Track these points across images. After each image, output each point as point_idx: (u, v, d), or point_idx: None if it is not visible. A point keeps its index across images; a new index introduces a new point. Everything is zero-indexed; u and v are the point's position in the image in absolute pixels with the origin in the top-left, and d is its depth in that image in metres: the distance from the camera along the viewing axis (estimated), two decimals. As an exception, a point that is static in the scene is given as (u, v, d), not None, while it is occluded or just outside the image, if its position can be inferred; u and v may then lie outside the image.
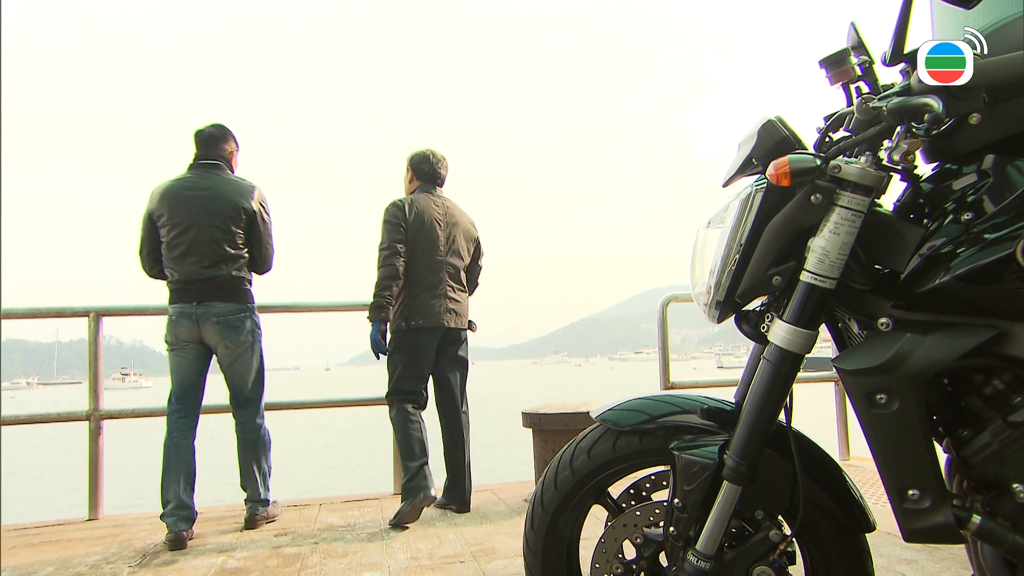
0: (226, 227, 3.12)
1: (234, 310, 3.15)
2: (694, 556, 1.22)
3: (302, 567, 2.58)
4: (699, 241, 1.32)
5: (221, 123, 3.37)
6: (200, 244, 3.08)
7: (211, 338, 3.14)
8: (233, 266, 3.15)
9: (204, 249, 3.09)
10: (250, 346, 3.22)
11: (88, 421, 3.57)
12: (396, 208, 3.37)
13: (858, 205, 1.10)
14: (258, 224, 3.23)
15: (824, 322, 1.20)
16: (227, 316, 3.13)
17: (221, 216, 3.12)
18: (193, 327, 3.10)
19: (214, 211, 3.11)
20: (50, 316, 3.81)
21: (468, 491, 3.44)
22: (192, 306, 3.10)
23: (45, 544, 3.07)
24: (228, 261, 3.13)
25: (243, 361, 3.21)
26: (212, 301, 3.11)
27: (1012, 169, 1.08)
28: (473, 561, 2.58)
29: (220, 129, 3.34)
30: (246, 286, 3.24)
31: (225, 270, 3.12)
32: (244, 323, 3.18)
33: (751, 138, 1.22)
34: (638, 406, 1.37)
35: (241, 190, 3.21)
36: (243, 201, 3.18)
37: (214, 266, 3.10)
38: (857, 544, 1.27)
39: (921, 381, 1.06)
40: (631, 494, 1.44)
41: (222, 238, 3.11)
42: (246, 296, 3.23)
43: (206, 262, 3.09)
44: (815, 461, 1.29)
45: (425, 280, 3.36)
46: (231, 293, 3.16)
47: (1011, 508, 1.06)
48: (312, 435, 21.88)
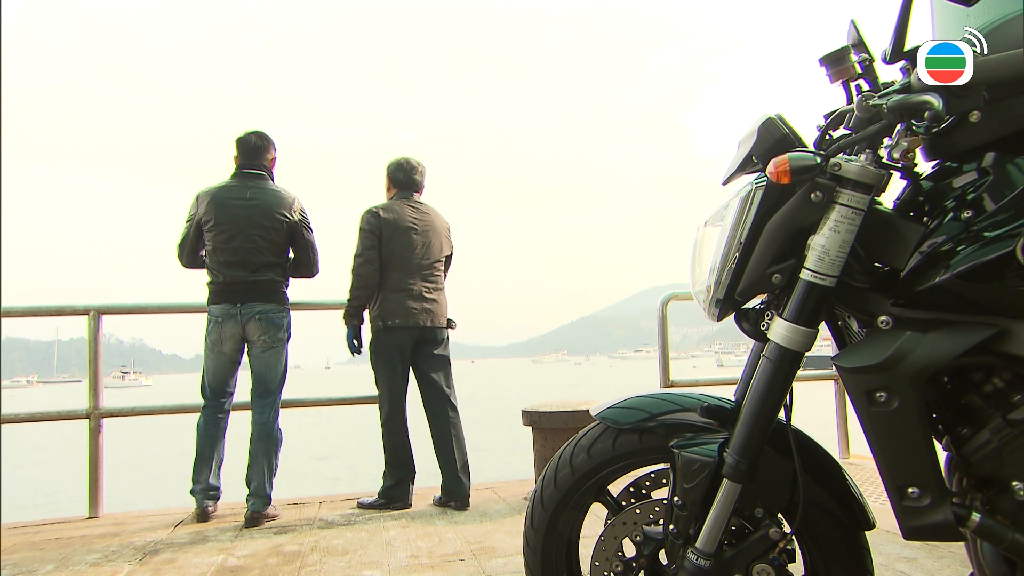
0: (270, 236, 3.38)
1: (276, 309, 3.42)
2: (694, 554, 1.22)
3: (302, 565, 2.58)
4: (699, 239, 1.32)
5: (262, 131, 3.57)
6: (245, 251, 3.34)
7: (251, 332, 3.37)
8: (274, 272, 3.42)
9: (249, 256, 3.34)
10: (283, 343, 3.46)
11: (88, 419, 3.57)
12: (370, 216, 3.55)
13: (858, 203, 1.10)
14: (302, 233, 3.49)
15: (824, 320, 1.20)
16: (269, 314, 3.38)
17: (265, 227, 3.36)
18: (237, 326, 3.35)
19: (259, 221, 3.36)
20: (50, 314, 3.81)
21: (467, 488, 3.48)
22: (236, 307, 3.34)
23: (45, 542, 3.08)
24: (270, 267, 3.40)
25: (274, 353, 3.43)
26: (254, 302, 3.36)
27: (1012, 167, 1.08)
28: (473, 559, 2.58)
29: (262, 138, 3.54)
30: (283, 289, 3.50)
31: (268, 275, 3.39)
32: (282, 321, 3.45)
33: (751, 136, 1.21)
34: (638, 404, 1.37)
35: (283, 201, 3.45)
36: (285, 212, 3.43)
37: (258, 271, 3.36)
38: (857, 542, 1.27)
39: (921, 379, 1.06)
40: (631, 492, 1.44)
41: (266, 247, 3.37)
42: (283, 298, 3.49)
43: (251, 267, 3.35)
44: (815, 459, 1.29)
45: (401, 282, 3.53)
46: (272, 295, 3.41)
47: (1011, 506, 1.06)
48: (312, 433, 21.90)
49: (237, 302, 3.33)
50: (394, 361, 3.54)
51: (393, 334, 3.52)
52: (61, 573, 2.61)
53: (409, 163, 3.72)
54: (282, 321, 3.43)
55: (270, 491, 3.34)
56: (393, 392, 3.54)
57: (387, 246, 3.52)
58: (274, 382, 3.44)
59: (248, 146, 3.49)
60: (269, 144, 3.54)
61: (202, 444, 3.37)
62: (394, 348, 3.53)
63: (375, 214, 3.54)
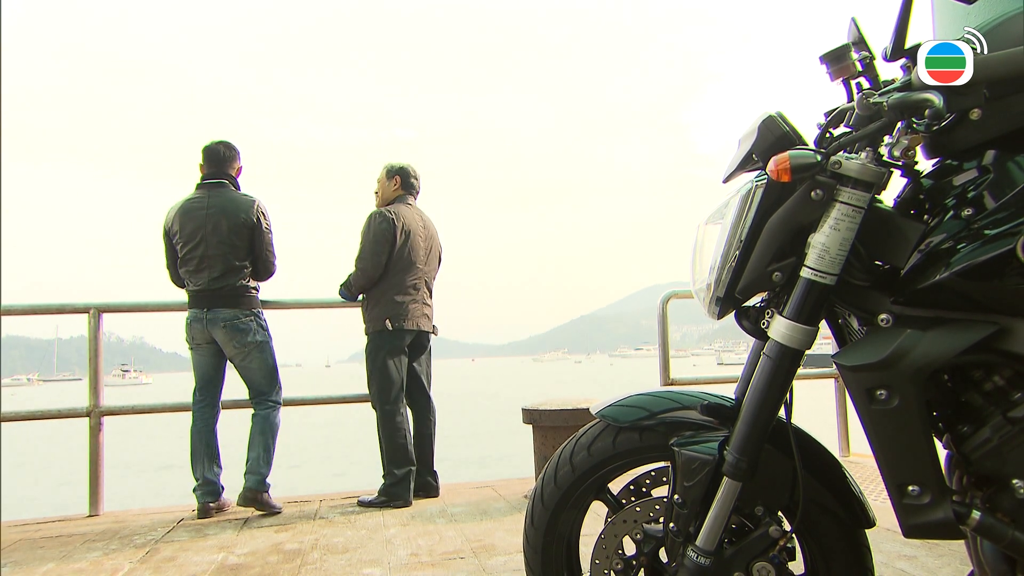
0: (231, 242, 3.43)
1: (239, 315, 3.45)
2: (694, 552, 1.22)
3: (302, 563, 2.58)
4: (699, 237, 1.32)
5: (229, 141, 3.65)
6: (208, 258, 3.42)
7: (220, 340, 3.46)
8: (238, 276, 3.46)
9: (212, 263, 3.42)
10: (256, 346, 3.49)
11: (88, 417, 3.58)
12: (387, 223, 3.62)
13: (858, 201, 1.10)
14: (261, 234, 3.50)
15: (824, 318, 1.20)
16: (232, 320, 3.43)
17: (226, 232, 3.42)
18: (204, 330, 3.46)
19: (219, 228, 3.41)
20: (50, 312, 3.81)
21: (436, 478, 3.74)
22: (203, 312, 3.45)
23: (46, 539, 3.08)
24: (234, 272, 3.45)
25: (252, 360, 3.49)
26: (219, 307, 3.43)
27: (1013, 165, 1.08)
28: (473, 557, 2.58)
29: (229, 148, 3.62)
30: (250, 293, 3.53)
31: (232, 280, 3.44)
32: (249, 326, 3.47)
33: (751, 134, 1.21)
34: (638, 402, 1.37)
35: (243, 205, 3.48)
36: (244, 216, 3.46)
37: (222, 277, 3.43)
38: (857, 540, 1.27)
39: (921, 377, 1.06)
40: (631, 490, 1.44)
41: (228, 252, 3.42)
42: (250, 302, 3.52)
43: (215, 273, 3.42)
44: (815, 457, 1.29)
45: (408, 286, 3.66)
46: (236, 300, 3.46)
47: (1011, 504, 1.06)
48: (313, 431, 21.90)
49: (204, 307, 3.44)
50: (399, 361, 3.66)
51: (400, 336, 3.63)
52: (61, 571, 2.61)
53: (416, 170, 3.88)
54: (248, 325, 3.47)
55: (264, 471, 3.40)
56: (395, 391, 3.63)
57: (398, 250, 3.62)
58: (263, 385, 3.53)
59: (215, 156, 3.57)
60: (235, 155, 3.63)
61: (193, 440, 3.46)
62: (400, 349, 3.66)
63: (390, 221, 3.62)
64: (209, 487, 3.41)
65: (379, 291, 3.62)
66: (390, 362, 3.61)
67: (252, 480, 3.37)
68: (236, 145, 3.64)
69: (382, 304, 3.61)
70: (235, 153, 3.63)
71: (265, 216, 3.54)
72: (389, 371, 3.61)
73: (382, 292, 3.62)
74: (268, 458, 3.43)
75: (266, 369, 3.52)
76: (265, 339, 3.53)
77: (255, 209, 3.49)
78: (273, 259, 3.56)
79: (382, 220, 3.61)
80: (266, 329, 3.57)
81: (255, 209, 3.49)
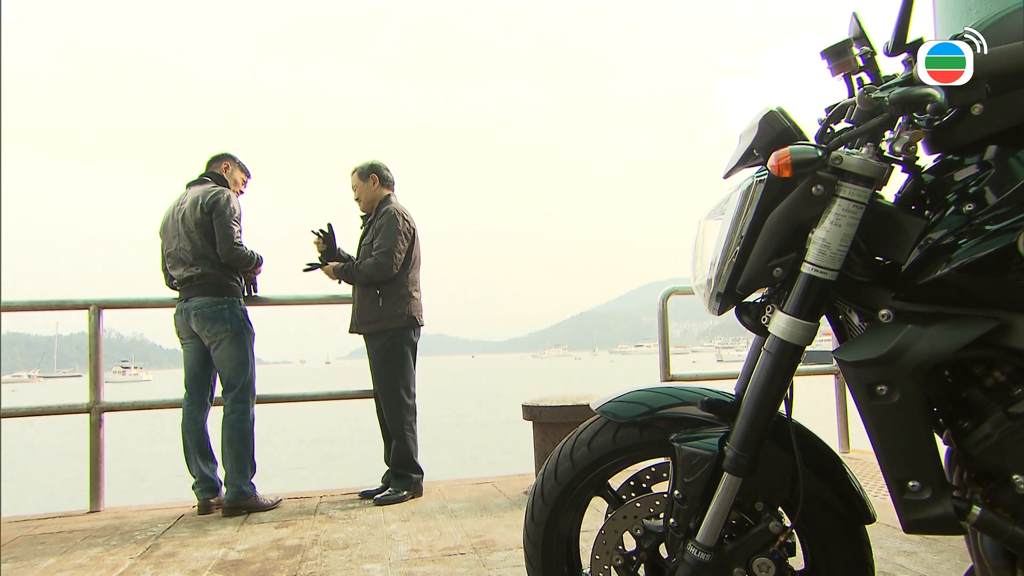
0: (196, 231, 3.45)
1: (211, 303, 3.45)
2: (694, 547, 1.22)
3: (303, 559, 2.59)
4: (700, 233, 1.32)
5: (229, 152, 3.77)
6: (181, 250, 3.48)
7: (196, 329, 3.48)
8: (207, 265, 3.46)
9: (182, 255, 3.47)
10: (228, 335, 3.46)
11: (89, 413, 3.58)
12: (406, 222, 3.67)
13: (859, 196, 1.10)
14: (214, 219, 3.45)
15: (825, 314, 1.20)
16: (203, 308, 3.44)
17: (192, 224, 3.45)
18: (184, 321, 3.51)
19: (187, 220, 3.47)
20: (50, 309, 3.82)
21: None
22: (182, 302, 3.52)
23: (47, 535, 3.09)
24: (201, 260, 3.45)
25: (223, 349, 3.47)
26: (193, 296, 3.47)
27: (1014, 160, 1.08)
28: (474, 553, 2.58)
29: (224, 153, 3.73)
30: (226, 281, 3.51)
31: (202, 268, 3.45)
32: (222, 314, 3.45)
33: (752, 129, 1.21)
34: (638, 398, 1.37)
35: (202, 194, 3.49)
36: (202, 204, 3.46)
37: (193, 265, 3.46)
38: (857, 536, 1.27)
39: (922, 373, 1.06)
40: (631, 486, 1.44)
41: (197, 241, 3.45)
42: (225, 290, 3.50)
43: (186, 263, 3.47)
44: (815, 453, 1.29)
45: (419, 283, 3.75)
46: (209, 288, 3.46)
47: (1011, 499, 1.06)
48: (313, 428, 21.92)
49: (183, 298, 3.51)
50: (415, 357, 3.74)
51: (419, 333, 3.74)
52: (62, 566, 2.61)
53: (383, 163, 3.83)
54: (221, 313, 3.44)
55: (240, 481, 3.36)
56: (413, 390, 3.68)
57: (414, 249, 3.70)
58: (233, 376, 3.47)
59: (211, 158, 3.70)
60: (229, 157, 3.71)
61: (184, 437, 3.50)
62: (415, 345, 3.74)
63: (409, 221, 3.68)
64: (207, 483, 3.42)
65: (398, 287, 3.60)
66: (411, 358, 3.68)
67: (231, 492, 3.35)
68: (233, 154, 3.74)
69: (403, 301, 3.60)
70: (230, 157, 3.71)
71: (220, 202, 3.44)
72: (412, 366, 3.68)
73: (403, 289, 3.61)
74: (242, 467, 3.38)
75: (236, 360, 3.46)
76: (240, 329, 3.48)
77: (211, 197, 3.45)
78: (230, 244, 3.40)
79: (403, 220, 3.64)
80: (244, 320, 3.53)
81: (211, 197, 3.45)
